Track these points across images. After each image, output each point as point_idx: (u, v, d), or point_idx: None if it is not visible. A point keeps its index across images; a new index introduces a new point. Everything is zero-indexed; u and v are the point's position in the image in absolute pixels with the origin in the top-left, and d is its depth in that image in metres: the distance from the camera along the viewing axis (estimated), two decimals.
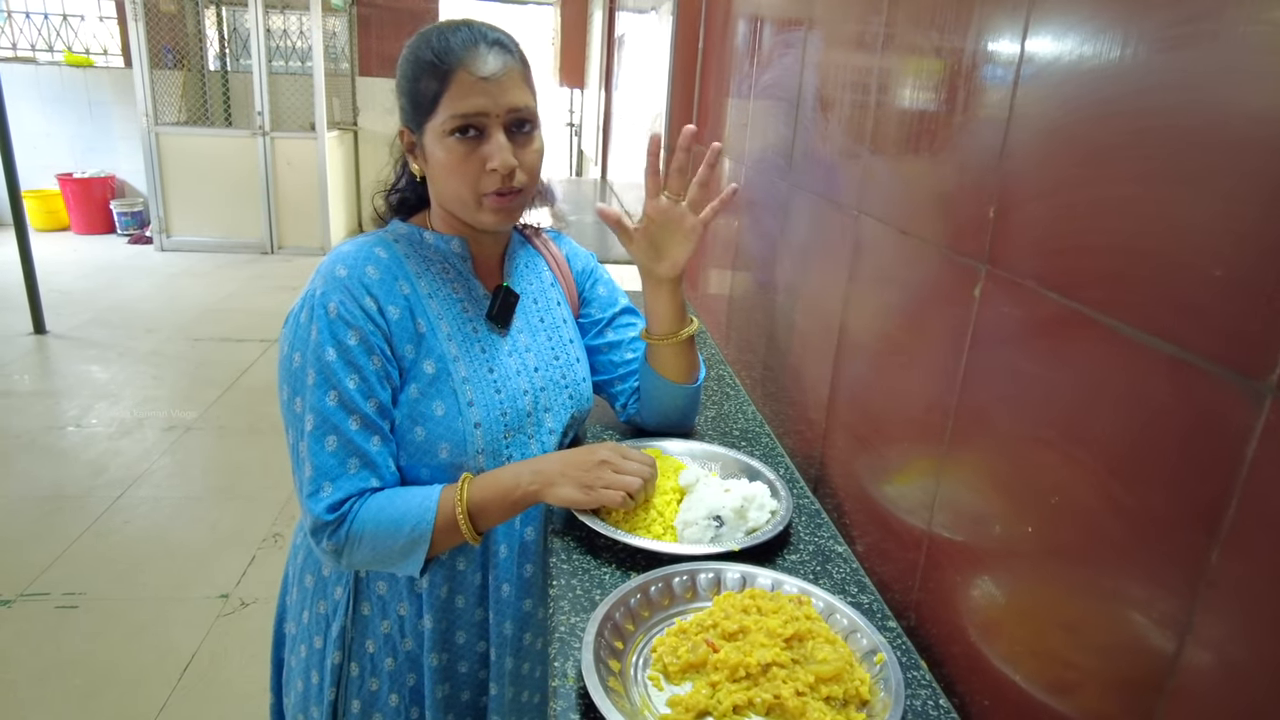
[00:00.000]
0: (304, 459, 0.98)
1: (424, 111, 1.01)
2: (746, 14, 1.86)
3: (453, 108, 0.99)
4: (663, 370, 1.23)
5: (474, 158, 1.01)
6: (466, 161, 1.01)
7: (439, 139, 1.01)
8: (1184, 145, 0.56)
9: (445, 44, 0.99)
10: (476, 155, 1.01)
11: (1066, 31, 0.69)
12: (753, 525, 1.05)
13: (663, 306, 1.19)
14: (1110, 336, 0.62)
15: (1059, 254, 0.69)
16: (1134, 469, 0.59)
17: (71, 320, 5.40)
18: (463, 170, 1.01)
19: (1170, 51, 0.57)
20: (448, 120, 0.99)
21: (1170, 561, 0.56)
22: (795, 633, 0.83)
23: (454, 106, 0.99)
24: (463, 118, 0.99)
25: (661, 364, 1.23)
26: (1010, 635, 0.76)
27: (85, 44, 8.18)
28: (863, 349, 1.13)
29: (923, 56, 0.97)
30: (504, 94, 1.00)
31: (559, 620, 0.90)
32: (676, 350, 1.22)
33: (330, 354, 0.97)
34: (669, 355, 1.22)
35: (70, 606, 2.58)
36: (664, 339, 1.21)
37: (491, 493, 1.01)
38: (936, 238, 0.91)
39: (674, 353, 1.22)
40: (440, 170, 1.03)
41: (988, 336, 0.80)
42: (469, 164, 1.01)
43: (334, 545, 0.97)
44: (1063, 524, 0.68)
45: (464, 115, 0.99)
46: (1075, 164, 0.68)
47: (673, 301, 1.19)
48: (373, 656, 1.12)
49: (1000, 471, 0.78)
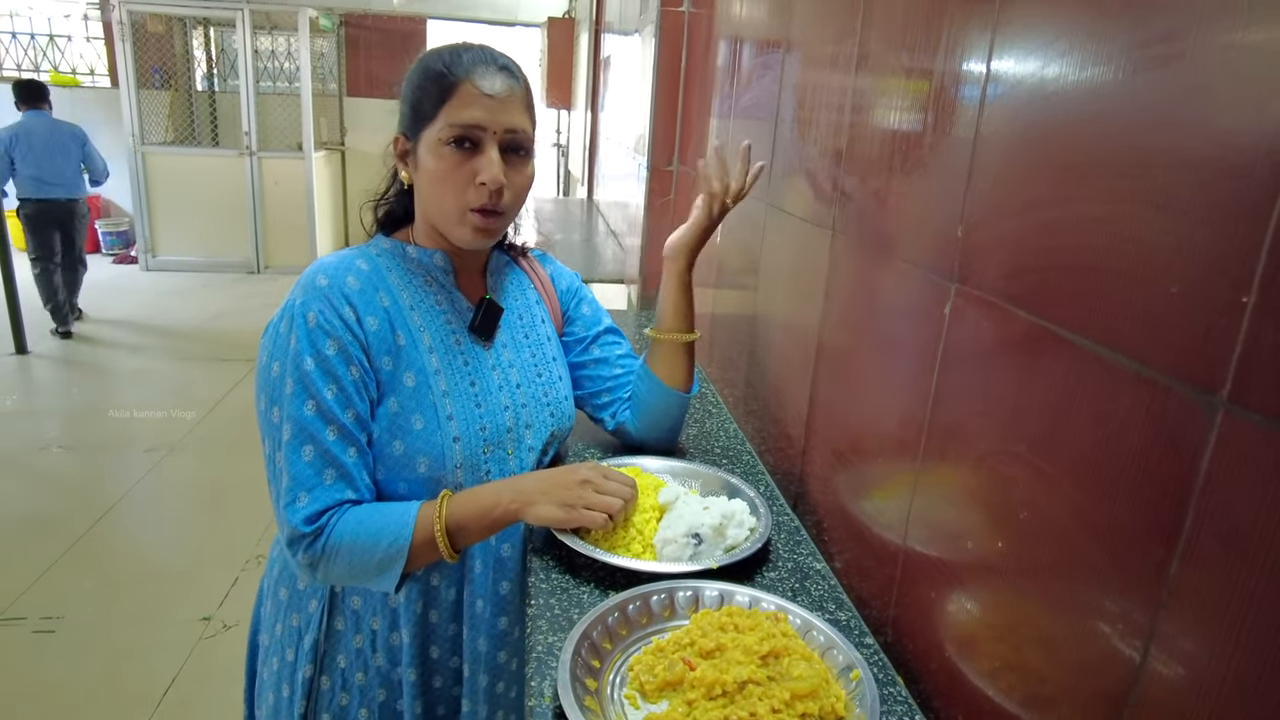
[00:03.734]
0: (281, 469, 0.98)
1: (423, 119, 1.03)
2: (727, 35, 1.89)
3: (452, 116, 1.00)
4: (662, 373, 1.26)
5: (465, 169, 1.02)
6: (457, 172, 1.02)
7: (433, 147, 1.02)
8: (1146, 165, 0.57)
9: (456, 58, 1.02)
10: (467, 167, 1.02)
11: (1031, 53, 0.71)
12: (731, 543, 1.06)
13: (673, 298, 1.26)
14: (1075, 352, 0.63)
15: (1026, 272, 0.71)
16: (1099, 483, 0.60)
17: (54, 340, 5.36)
18: (452, 180, 1.02)
19: (1136, 73, 0.59)
20: (445, 129, 1.01)
21: (1134, 574, 0.56)
22: (771, 650, 0.83)
23: (453, 115, 1.00)
24: (460, 127, 1.00)
25: (662, 366, 1.26)
26: (985, 650, 0.76)
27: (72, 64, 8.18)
28: (839, 366, 1.14)
29: (894, 77, 0.99)
30: (504, 113, 1.02)
31: (536, 639, 0.90)
32: (678, 352, 1.26)
33: (309, 363, 0.97)
34: (671, 356, 1.26)
35: (47, 631, 2.55)
36: (670, 334, 1.25)
37: (471, 511, 1.01)
38: (908, 256, 0.93)
39: (675, 354, 1.26)
40: (429, 178, 1.04)
41: (958, 353, 0.81)
42: (459, 175, 1.02)
43: (310, 558, 0.97)
44: (1032, 539, 0.68)
45: (462, 125, 1.00)
46: (1041, 184, 0.69)
47: (683, 295, 1.25)
48: (344, 671, 1.11)
49: (972, 487, 0.78)
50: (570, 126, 6.70)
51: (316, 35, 7.86)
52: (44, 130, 5.27)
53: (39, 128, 5.26)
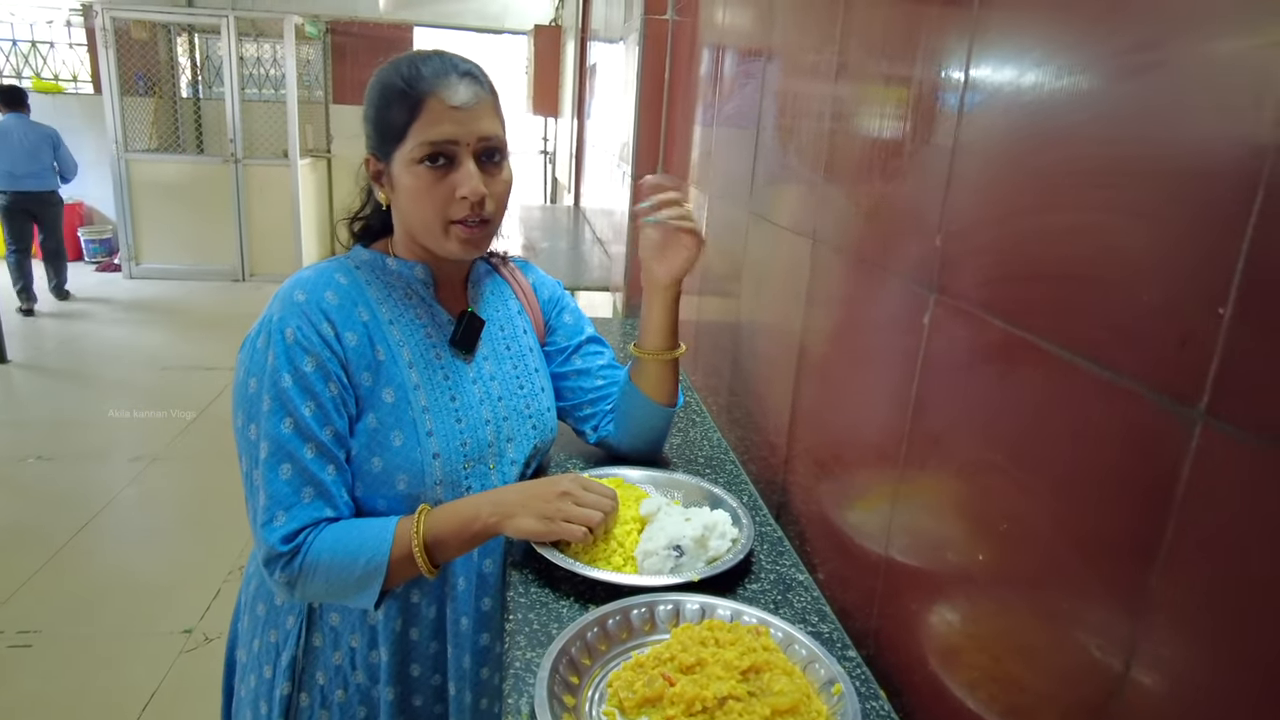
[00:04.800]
0: (258, 487, 0.96)
1: (392, 139, 1.01)
2: (710, 44, 1.89)
3: (423, 135, 0.98)
4: (645, 388, 1.23)
5: (443, 185, 1.00)
6: (435, 189, 1.00)
7: (407, 166, 1.00)
8: (1124, 173, 0.57)
9: (416, 72, 0.99)
10: (446, 183, 1.00)
11: (1008, 61, 0.71)
12: (713, 554, 1.04)
13: (657, 318, 1.21)
14: (1054, 362, 0.62)
15: (1003, 281, 0.70)
16: (1079, 493, 0.59)
17: (35, 349, 5.30)
18: (431, 198, 1.00)
19: (1113, 82, 0.58)
20: (417, 148, 0.99)
21: (1115, 584, 0.56)
22: (752, 664, 0.82)
23: (424, 134, 0.98)
24: (433, 145, 0.98)
25: (645, 381, 1.23)
26: (967, 662, 0.75)
27: (55, 70, 8.12)
28: (821, 375, 1.14)
29: (873, 85, 0.98)
30: (475, 122, 1.00)
31: (514, 655, 0.89)
32: (662, 369, 1.23)
33: (286, 380, 0.96)
34: (654, 373, 1.23)
35: (24, 646, 2.51)
36: (652, 355, 1.22)
37: (450, 525, 0.99)
38: (888, 265, 0.92)
39: (659, 371, 1.23)
40: (408, 198, 1.02)
41: (938, 362, 0.81)
42: (437, 191, 1.00)
43: (287, 576, 0.95)
44: (1013, 549, 0.68)
45: (434, 143, 0.98)
46: (1019, 192, 0.69)
47: (668, 315, 1.21)
48: (323, 688, 1.09)
49: (953, 497, 0.78)
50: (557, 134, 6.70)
51: (302, 42, 7.83)
52: (20, 130, 5.93)
53: (16, 128, 5.92)
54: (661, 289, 1.20)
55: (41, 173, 6.04)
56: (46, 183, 6.12)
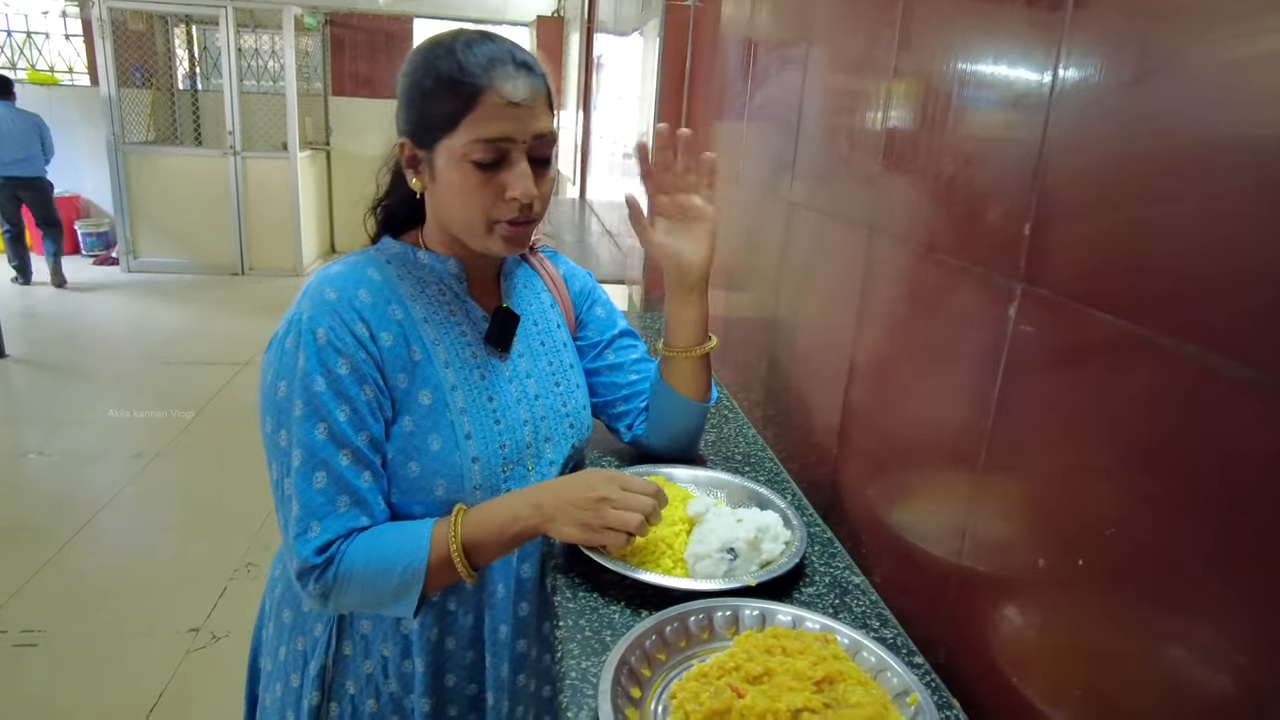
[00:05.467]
0: (290, 496, 0.91)
1: (439, 128, 0.94)
2: (738, 37, 1.84)
3: (478, 131, 0.92)
4: (678, 385, 1.18)
5: (492, 184, 0.94)
6: (484, 188, 0.94)
7: (455, 160, 0.94)
8: (1245, 159, 0.52)
9: (471, 58, 0.92)
10: (495, 182, 0.94)
11: (1107, 38, 0.66)
12: (767, 557, 1.00)
13: (687, 315, 1.16)
14: (1175, 359, 0.58)
15: (1109, 272, 0.66)
16: (1209, 503, 0.55)
17: (33, 344, 5.23)
18: (479, 196, 0.95)
19: (1224, 66, 0.54)
20: (471, 145, 0.92)
21: (1251, 604, 0.51)
22: (825, 674, 0.78)
23: (479, 130, 0.92)
24: (489, 145, 0.92)
25: (677, 379, 1.18)
26: (1054, 673, 0.71)
27: (50, 62, 8.03)
28: (879, 371, 1.09)
29: (940, 77, 0.94)
30: (532, 120, 0.94)
31: (569, 665, 0.84)
32: (695, 365, 1.18)
33: (319, 384, 0.91)
34: (686, 370, 1.18)
35: (29, 645, 2.46)
36: (683, 352, 1.17)
37: (488, 528, 0.94)
38: (963, 255, 0.88)
39: (692, 368, 1.18)
40: (451, 193, 0.96)
41: (1025, 358, 0.76)
42: (486, 190, 0.94)
43: (321, 589, 0.91)
44: (1121, 556, 0.63)
45: (491, 141, 0.92)
46: (1125, 179, 0.64)
47: (697, 311, 1.16)
48: (353, 698, 1.05)
49: (1044, 502, 0.74)
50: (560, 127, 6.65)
51: (301, 34, 7.76)
52: (8, 118, 6.13)
53: (4, 116, 6.11)
54: (696, 281, 1.14)
55: (30, 159, 6.25)
56: (35, 168, 6.32)
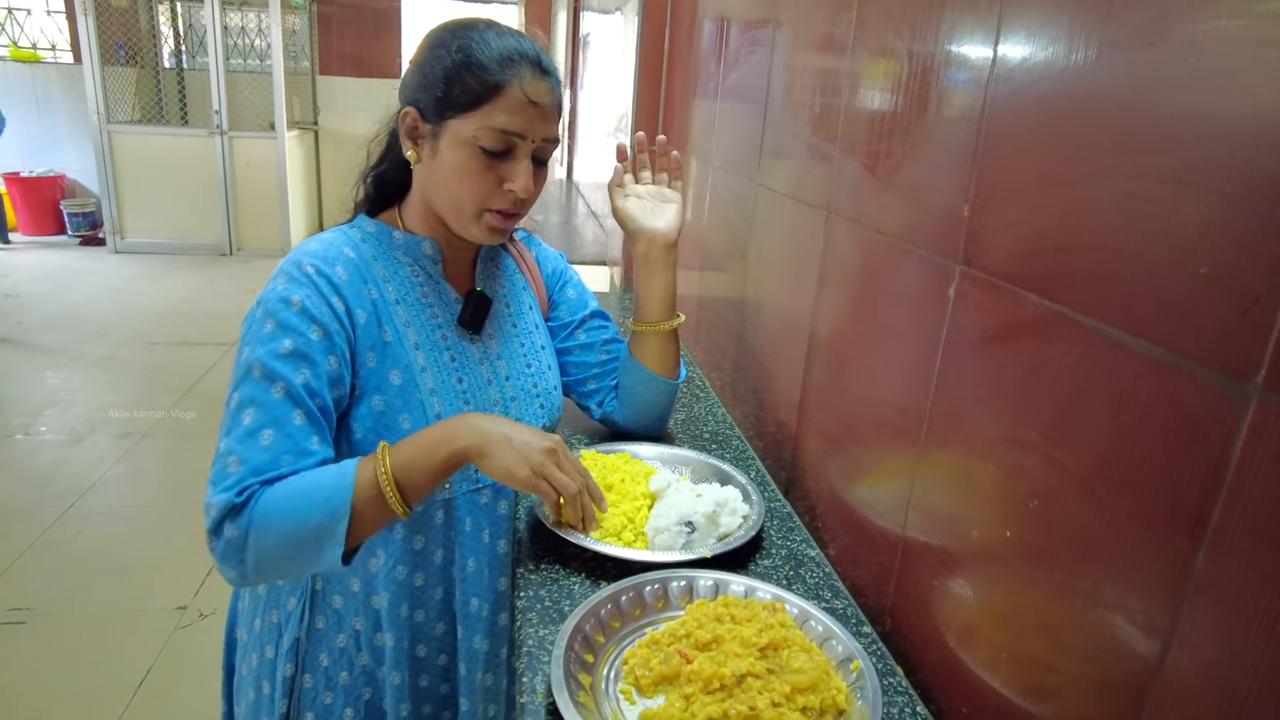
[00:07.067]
0: (226, 449, 0.89)
1: (453, 107, 0.96)
2: (713, 15, 1.85)
3: (494, 119, 0.95)
4: (647, 361, 1.22)
5: (492, 173, 0.97)
6: (484, 174, 0.97)
7: (463, 142, 0.96)
8: (1170, 141, 0.55)
9: (505, 50, 0.96)
10: (495, 171, 0.97)
11: (1043, 25, 0.68)
12: (725, 531, 1.03)
13: (654, 289, 1.21)
14: (1093, 338, 0.61)
15: (1038, 254, 0.68)
16: (1119, 472, 0.58)
17: (19, 324, 5.22)
18: (478, 181, 0.97)
19: (1159, 40, 0.56)
20: (484, 131, 0.95)
21: (1156, 565, 0.54)
22: (770, 641, 0.81)
23: (496, 119, 0.95)
24: (502, 135, 0.95)
25: (647, 355, 1.22)
26: (989, 640, 0.75)
27: (32, 38, 7.92)
28: (834, 349, 1.12)
29: (893, 54, 0.96)
30: (545, 123, 0.99)
31: (527, 633, 0.87)
32: (663, 341, 1.22)
33: (286, 345, 0.91)
34: (655, 346, 1.22)
35: (16, 623, 2.48)
36: (651, 326, 1.21)
37: (416, 448, 0.90)
38: (909, 237, 0.90)
39: (660, 343, 1.22)
40: (449, 172, 0.98)
41: (963, 337, 0.79)
42: (485, 178, 0.97)
43: (239, 531, 0.85)
44: (1043, 527, 0.67)
45: (505, 132, 0.95)
46: (1056, 161, 0.67)
47: (664, 286, 1.21)
48: (327, 670, 1.07)
49: (978, 474, 0.76)
50: None
51: (288, 12, 7.67)
52: None
53: None
54: (662, 251, 1.20)
55: None
56: None
